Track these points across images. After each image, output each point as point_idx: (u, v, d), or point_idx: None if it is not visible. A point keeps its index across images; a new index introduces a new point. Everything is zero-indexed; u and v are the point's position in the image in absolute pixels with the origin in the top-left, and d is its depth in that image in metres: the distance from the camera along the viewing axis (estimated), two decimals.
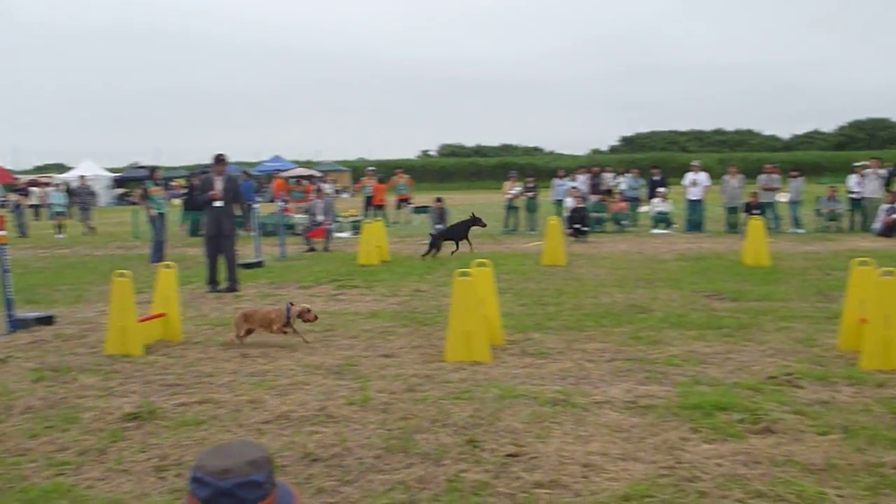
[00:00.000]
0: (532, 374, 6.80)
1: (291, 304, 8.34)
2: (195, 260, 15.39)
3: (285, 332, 8.24)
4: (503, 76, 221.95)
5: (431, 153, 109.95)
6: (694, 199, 21.92)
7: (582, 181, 24.14)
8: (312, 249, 18.31)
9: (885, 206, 19.51)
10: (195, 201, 11.85)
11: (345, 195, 45.54)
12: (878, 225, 19.55)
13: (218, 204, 11.97)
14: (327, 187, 24.60)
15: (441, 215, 20.16)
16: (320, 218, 19.14)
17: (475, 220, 17.22)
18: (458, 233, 17.20)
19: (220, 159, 12.16)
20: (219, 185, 12.01)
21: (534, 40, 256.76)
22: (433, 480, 4.49)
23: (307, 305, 8.44)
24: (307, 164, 57.62)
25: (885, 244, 17.41)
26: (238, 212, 12.73)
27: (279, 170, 29.95)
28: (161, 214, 16.41)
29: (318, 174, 40.26)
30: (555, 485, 4.40)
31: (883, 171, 21.14)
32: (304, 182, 30.92)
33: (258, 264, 15.09)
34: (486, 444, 5.04)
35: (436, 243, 16.25)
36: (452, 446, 5.01)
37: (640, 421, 5.45)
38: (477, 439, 5.11)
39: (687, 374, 6.67)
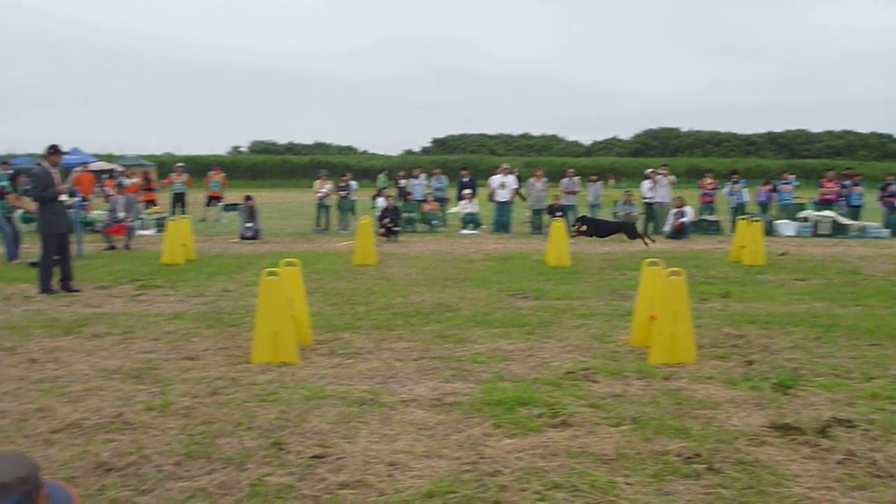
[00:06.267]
0: (340, 374, 6.77)
1: None
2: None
3: None
4: (316, 72, 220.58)
5: (243, 150, 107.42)
6: (501, 200, 22.58)
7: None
8: (112, 247, 17.38)
9: (674, 211, 20.96)
10: (36, 196, 10.85)
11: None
12: (667, 228, 20.97)
13: (63, 198, 11.33)
14: (130, 182, 23.48)
15: (251, 214, 19.81)
16: (121, 214, 18.21)
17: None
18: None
19: (56, 150, 11.37)
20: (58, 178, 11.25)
21: (344, 37, 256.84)
22: (236, 486, 4.37)
23: None
24: (109, 157, 54.47)
25: (673, 245, 18.70)
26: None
27: (85, 162, 28.00)
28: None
29: (119, 168, 38.17)
30: (360, 485, 4.39)
31: (672, 178, 22.65)
32: (105, 177, 29.37)
33: None
34: (292, 446, 4.96)
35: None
36: (257, 449, 4.90)
37: (445, 418, 5.54)
38: (282, 442, 5.02)
39: (491, 370, 6.87)
